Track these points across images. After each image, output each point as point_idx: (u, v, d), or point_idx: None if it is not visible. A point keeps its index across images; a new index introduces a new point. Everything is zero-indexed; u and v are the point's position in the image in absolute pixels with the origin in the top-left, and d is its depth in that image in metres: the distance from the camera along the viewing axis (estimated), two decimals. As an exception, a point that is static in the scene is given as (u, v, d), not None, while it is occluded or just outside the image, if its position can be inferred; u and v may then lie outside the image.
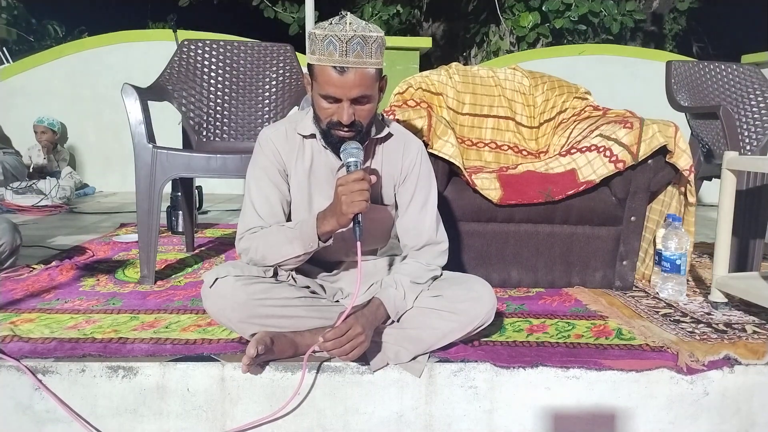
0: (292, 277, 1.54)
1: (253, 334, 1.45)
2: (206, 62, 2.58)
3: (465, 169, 2.05)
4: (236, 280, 1.44)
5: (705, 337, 1.65)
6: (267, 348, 1.40)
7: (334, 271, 1.66)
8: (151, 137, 2.05)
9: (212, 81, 2.58)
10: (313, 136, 1.52)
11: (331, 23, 1.36)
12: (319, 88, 1.39)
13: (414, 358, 1.48)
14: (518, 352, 1.55)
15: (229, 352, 1.50)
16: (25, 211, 3.97)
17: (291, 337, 1.48)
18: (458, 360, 1.49)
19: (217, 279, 1.45)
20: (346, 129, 1.40)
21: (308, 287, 1.56)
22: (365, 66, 1.35)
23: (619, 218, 2.12)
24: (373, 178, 1.43)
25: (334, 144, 1.44)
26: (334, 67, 1.34)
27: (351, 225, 1.38)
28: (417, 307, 1.49)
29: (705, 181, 2.71)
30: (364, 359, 1.46)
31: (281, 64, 2.63)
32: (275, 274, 1.51)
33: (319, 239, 1.43)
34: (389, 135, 1.57)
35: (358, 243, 1.36)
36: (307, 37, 3.22)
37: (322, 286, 1.60)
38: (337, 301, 1.60)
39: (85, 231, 3.23)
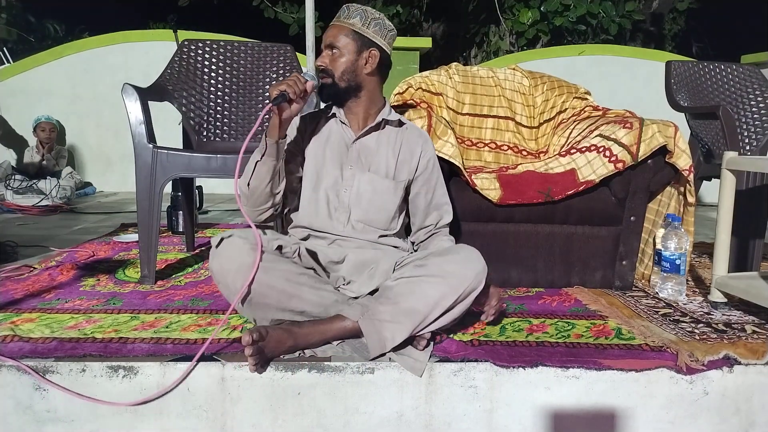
0: (298, 254, 1.59)
1: (248, 329, 1.45)
2: (206, 62, 2.58)
3: (465, 169, 2.05)
4: (243, 242, 1.49)
5: (705, 336, 1.65)
6: (261, 336, 1.41)
7: (337, 259, 1.69)
8: (151, 137, 2.05)
9: (212, 81, 2.58)
10: (334, 115, 1.74)
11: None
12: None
13: (412, 342, 1.49)
14: (518, 351, 1.55)
15: (229, 352, 1.50)
16: (25, 211, 3.98)
17: (287, 328, 1.49)
18: (458, 359, 1.50)
19: (222, 239, 1.51)
20: (322, 74, 1.68)
21: (313, 269, 1.61)
22: (341, 23, 1.66)
23: (618, 218, 2.12)
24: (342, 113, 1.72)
25: (321, 90, 1.69)
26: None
27: (280, 103, 1.55)
28: (404, 277, 1.53)
29: (705, 181, 2.71)
30: (363, 351, 1.48)
31: (281, 64, 2.63)
32: (279, 249, 1.57)
33: (268, 137, 1.58)
34: (400, 123, 1.77)
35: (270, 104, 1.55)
36: None
37: (325, 271, 1.63)
38: (338, 288, 1.63)
39: (86, 231, 3.23)
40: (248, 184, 1.61)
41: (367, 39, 1.66)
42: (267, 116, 1.61)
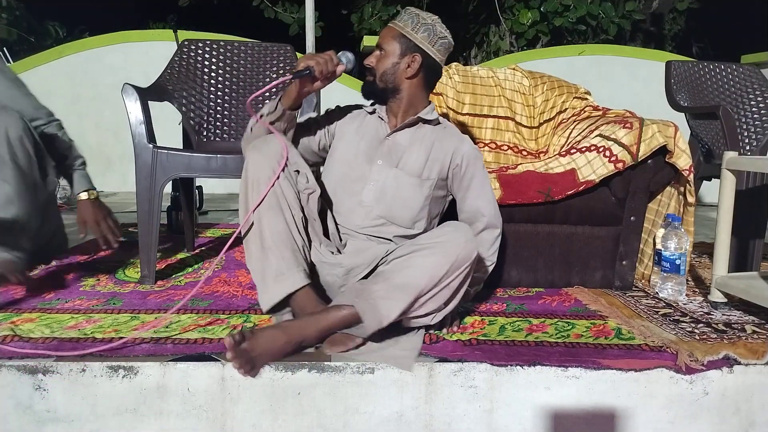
0: (309, 195, 1.62)
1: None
2: (206, 62, 2.58)
3: (465, 169, 2.05)
4: (279, 144, 1.59)
5: (704, 336, 1.65)
6: (243, 337, 1.40)
7: (344, 242, 1.72)
8: (151, 137, 2.05)
9: (212, 81, 2.58)
10: (374, 111, 1.80)
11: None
12: None
13: (405, 313, 1.50)
14: (517, 351, 1.55)
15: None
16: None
17: (279, 324, 1.50)
18: (457, 360, 1.50)
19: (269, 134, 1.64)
20: (367, 72, 1.74)
21: (315, 222, 1.65)
22: (394, 25, 1.73)
23: (618, 218, 2.12)
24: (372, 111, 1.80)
25: (362, 87, 1.75)
26: None
27: (302, 77, 1.58)
28: (397, 257, 1.54)
29: (705, 181, 2.71)
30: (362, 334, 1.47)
31: (281, 64, 2.64)
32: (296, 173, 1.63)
33: (281, 102, 1.65)
34: (437, 122, 1.79)
35: (291, 76, 1.58)
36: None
37: (325, 230, 1.69)
38: (315, 247, 1.66)
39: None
40: (251, 130, 1.70)
41: (413, 44, 1.69)
42: (281, 85, 1.65)
